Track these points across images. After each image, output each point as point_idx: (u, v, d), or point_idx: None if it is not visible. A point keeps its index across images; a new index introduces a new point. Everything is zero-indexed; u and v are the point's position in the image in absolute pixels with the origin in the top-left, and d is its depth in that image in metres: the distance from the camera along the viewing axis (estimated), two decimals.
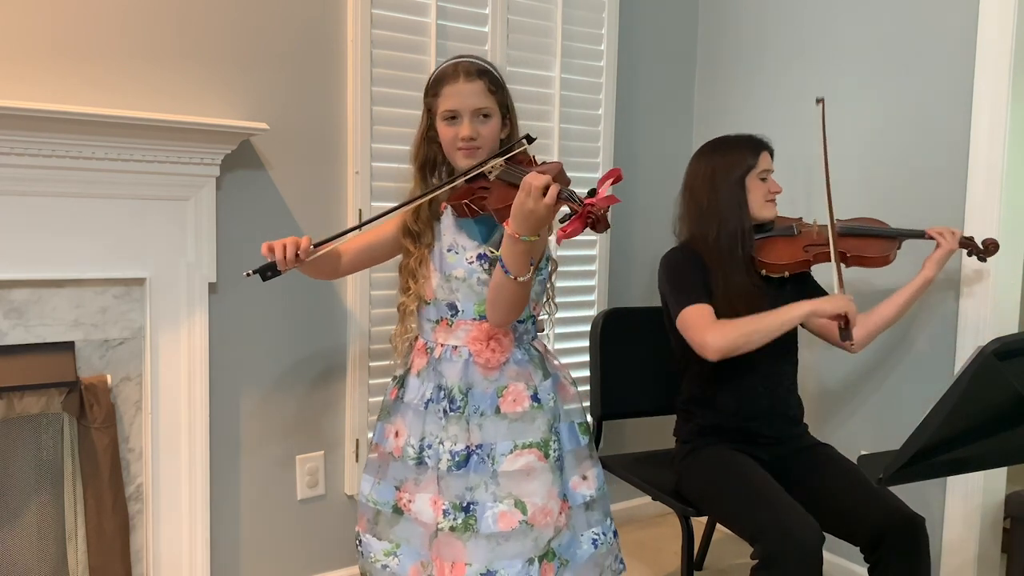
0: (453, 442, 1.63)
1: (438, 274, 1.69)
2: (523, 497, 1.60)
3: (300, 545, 2.36)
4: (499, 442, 1.62)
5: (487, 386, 1.65)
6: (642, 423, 2.60)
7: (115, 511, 1.99)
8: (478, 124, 1.63)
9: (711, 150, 2.10)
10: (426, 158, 1.73)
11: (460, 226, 1.69)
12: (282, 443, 2.30)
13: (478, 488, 1.61)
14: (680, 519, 2.08)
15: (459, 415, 1.64)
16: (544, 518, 1.61)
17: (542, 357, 1.74)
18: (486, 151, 1.64)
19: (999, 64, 2.09)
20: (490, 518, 1.59)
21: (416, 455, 1.67)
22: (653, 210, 2.32)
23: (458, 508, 1.61)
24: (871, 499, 1.85)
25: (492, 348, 1.64)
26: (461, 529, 1.59)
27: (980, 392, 1.15)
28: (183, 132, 1.95)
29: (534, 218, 1.41)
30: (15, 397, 1.89)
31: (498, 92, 1.66)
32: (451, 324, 1.68)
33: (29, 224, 1.86)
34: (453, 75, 1.64)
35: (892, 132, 2.37)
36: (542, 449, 1.63)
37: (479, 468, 1.62)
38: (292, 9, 2.20)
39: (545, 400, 1.67)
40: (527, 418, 1.64)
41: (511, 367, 1.66)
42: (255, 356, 2.23)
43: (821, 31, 2.57)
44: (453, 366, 1.66)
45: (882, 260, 2.07)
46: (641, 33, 2.87)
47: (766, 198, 2.04)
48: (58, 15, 1.91)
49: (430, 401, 1.68)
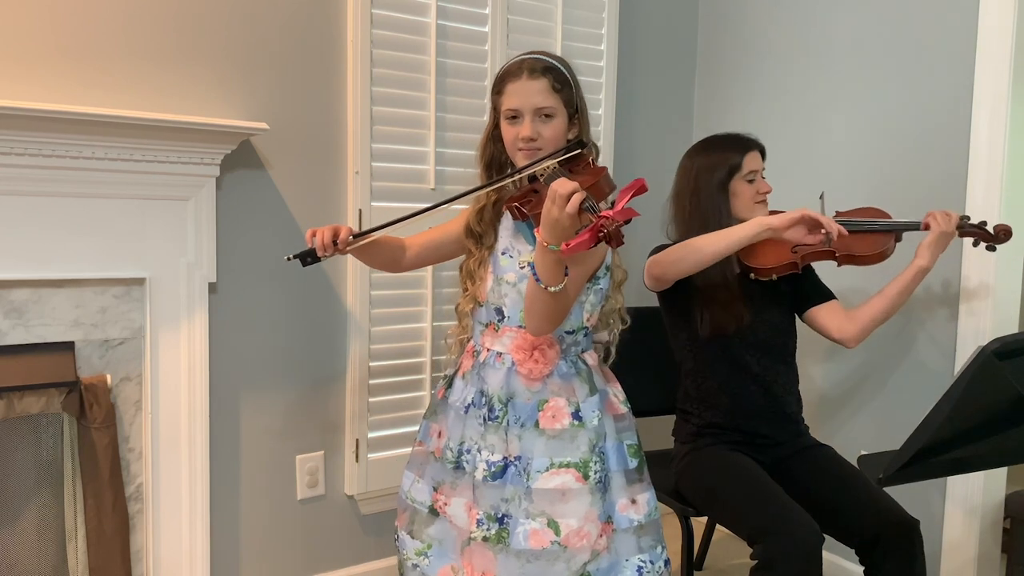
0: (491, 451, 1.59)
1: (492, 276, 1.64)
2: (557, 517, 1.54)
3: (300, 545, 2.36)
4: (536, 458, 1.56)
5: (529, 397, 1.59)
6: (642, 423, 2.56)
7: (115, 511, 1.99)
8: (539, 124, 1.56)
9: (697, 151, 2.09)
10: (492, 157, 1.67)
11: (518, 229, 1.64)
12: (282, 443, 2.30)
13: (513, 501, 1.56)
14: (680, 519, 2.08)
15: (498, 424, 1.59)
16: (579, 541, 1.54)
17: (590, 371, 1.65)
18: (547, 152, 1.55)
19: (999, 64, 2.09)
20: (521, 535, 1.54)
21: (455, 459, 1.64)
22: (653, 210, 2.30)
23: (492, 519, 1.57)
24: (867, 501, 1.85)
25: (536, 359, 1.58)
26: (494, 540, 1.56)
27: (980, 392, 1.15)
28: (183, 132, 1.95)
29: (559, 227, 1.35)
30: (15, 397, 1.89)
31: (563, 90, 1.57)
32: (498, 329, 1.64)
33: (29, 224, 1.86)
34: (517, 72, 1.57)
35: (892, 132, 2.37)
36: (581, 470, 1.56)
37: (515, 480, 1.57)
38: (292, 9, 2.20)
39: (588, 418, 1.59)
40: (566, 436, 1.57)
41: (555, 380, 1.60)
42: (255, 356, 2.23)
43: (821, 31, 2.57)
44: (496, 373, 1.62)
45: (876, 257, 1.97)
46: (641, 33, 2.87)
47: (755, 200, 2.01)
48: (58, 15, 1.91)
49: (471, 405, 1.64)
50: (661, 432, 2.31)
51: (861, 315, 1.99)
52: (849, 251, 1.97)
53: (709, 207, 1.99)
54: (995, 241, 1.97)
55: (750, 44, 2.82)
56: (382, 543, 2.44)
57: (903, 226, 1.99)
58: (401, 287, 2.38)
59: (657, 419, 2.38)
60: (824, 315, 2.05)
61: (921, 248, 1.93)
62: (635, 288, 2.89)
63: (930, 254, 1.92)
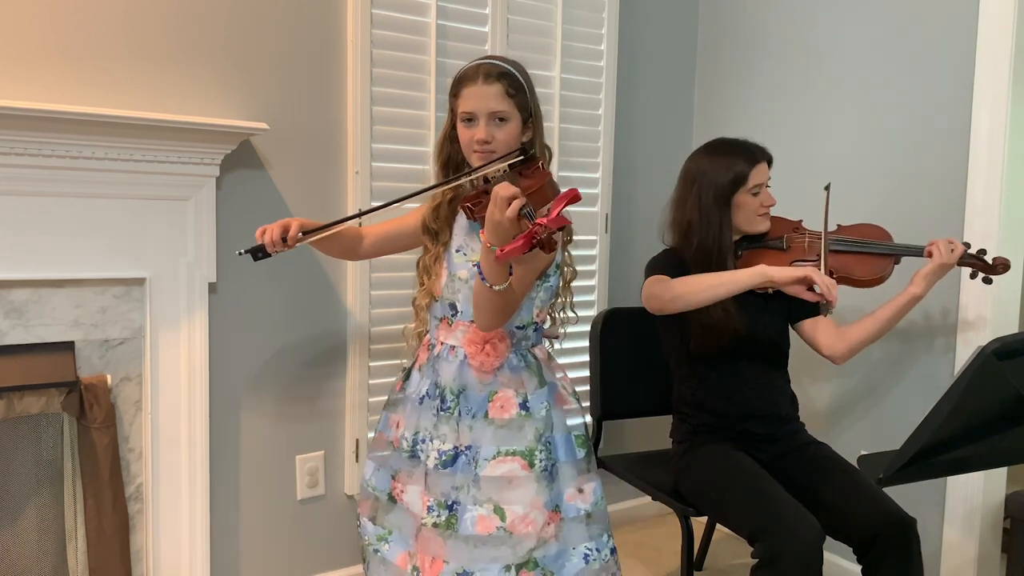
0: (442, 441, 1.65)
1: (446, 273, 1.71)
2: (503, 504, 1.61)
3: (300, 545, 2.36)
4: (484, 446, 1.63)
5: (480, 389, 1.66)
6: (642, 423, 2.60)
7: (115, 511, 1.99)
8: (493, 127, 1.61)
9: (701, 156, 2.04)
10: (448, 157, 1.73)
11: (471, 228, 1.69)
12: (282, 443, 2.30)
13: (463, 488, 1.63)
14: (680, 519, 2.08)
15: (449, 415, 1.66)
16: (525, 527, 1.60)
17: (540, 365, 1.72)
18: (501, 154, 1.62)
19: (999, 64, 2.09)
20: (469, 520, 1.61)
21: (410, 448, 1.71)
22: (652, 210, 2.32)
23: (443, 506, 1.63)
24: (864, 499, 1.85)
25: (487, 352, 1.64)
26: (444, 527, 1.62)
27: (980, 392, 1.15)
28: (183, 132, 1.95)
29: (500, 229, 1.40)
30: (15, 397, 1.89)
31: (518, 95, 1.63)
32: (451, 323, 1.70)
33: (29, 224, 1.86)
34: (473, 77, 1.63)
35: (892, 132, 2.37)
36: (526, 458, 1.63)
37: (465, 469, 1.63)
38: (292, 9, 2.20)
39: (535, 409, 1.66)
40: (513, 425, 1.64)
41: (505, 372, 1.66)
42: (255, 356, 2.23)
43: (821, 31, 2.57)
44: (449, 365, 1.68)
45: (874, 281, 1.96)
46: (641, 33, 2.87)
47: (758, 212, 1.99)
48: (58, 15, 1.91)
49: (425, 396, 1.71)
50: (660, 432, 2.31)
51: (851, 335, 2.00)
52: (848, 273, 1.96)
53: (709, 218, 1.97)
54: (992, 273, 1.96)
55: (750, 44, 2.82)
56: None
57: (904, 251, 1.97)
58: (401, 287, 2.38)
59: (656, 419, 2.39)
60: (816, 330, 2.06)
61: (917, 276, 1.91)
62: (636, 289, 2.89)
63: (926, 284, 1.90)
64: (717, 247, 1.97)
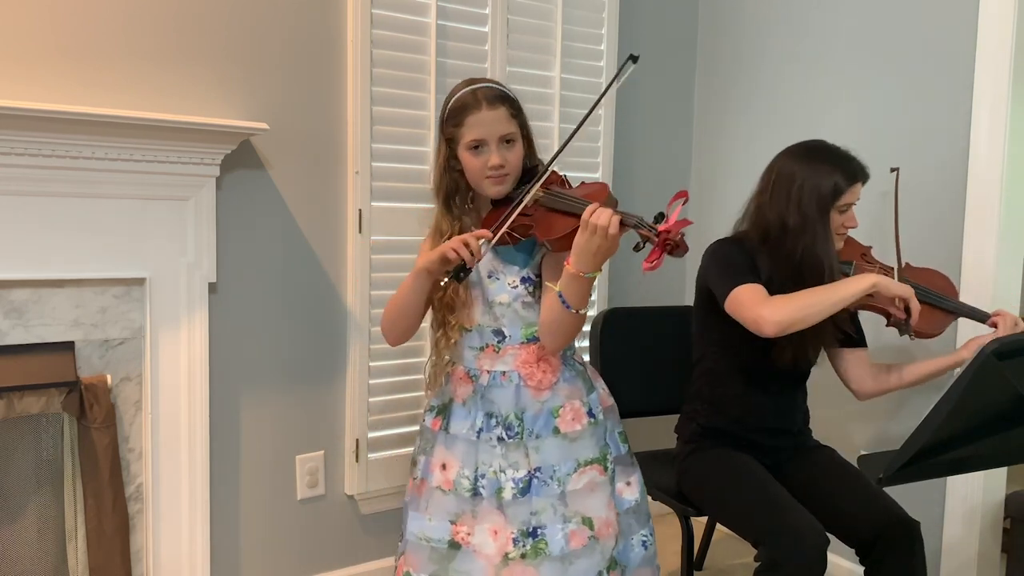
0: (515, 469, 1.62)
1: (481, 302, 1.66)
2: (588, 513, 1.62)
3: (300, 545, 2.36)
4: (561, 463, 1.63)
5: (539, 408, 1.64)
6: (642, 423, 2.59)
7: (115, 511, 1.99)
8: (504, 151, 1.62)
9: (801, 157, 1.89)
10: (449, 189, 1.69)
11: (497, 252, 1.66)
12: (282, 443, 2.30)
13: (544, 512, 1.61)
14: (680, 519, 2.08)
15: (518, 441, 1.63)
16: (607, 530, 1.63)
17: (584, 371, 1.75)
18: (513, 176, 1.64)
19: (999, 64, 2.09)
20: (561, 539, 1.59)
21: (471, 487, 1.64)
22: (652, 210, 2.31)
23: (525, 535, 1.60)
24: (867, 501, 1.85)
25: (543, 369, 1.64)
26: (532, 555, 1.59)
27: (980, 392, 1.15)
28: (183, 132, 1.95)
29: (602, 253, 1.44)
30: (15, 397, 1.89)
31: (519, 115, 1.65)
32: (498, 350, 1.66)
33: (29, 224, 1.86)
34: (475, 104, 1.60)
35: (892, 132, 2.37)
36: (602, 463, 1.66)
37: (541, 491, 1.61)
38: (292, 9, 2.20)
39: (597, 414, 1.70)
40: (585, 435, 1.66)
41: (562, 386, 1.66)
42: (255, 356, 2.23)
43: (821, 31, 2.57)
44: (504, 392, 1.65)
45: (930, 335, 1.90)
46: (641, 33, 2.87)
47: (838, 231, 1.89)
48: (58, 15, 1.91)
49: (481, 430, 1.65)
50: (661, 432, 2.31)
51: (888, 382, 1.97)
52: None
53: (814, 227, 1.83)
54: None
55: (750, 44, 2.82)
56: (382, 543, 2.44)
57: (969, 313, 1.90)
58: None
59: (656, 419, 2.39)
60: (851, 362, 2.02)
61: (973, 343, 1.86)
62: (636, 288, 2.90)
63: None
64: (827, 260, 1.83)
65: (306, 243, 2.28)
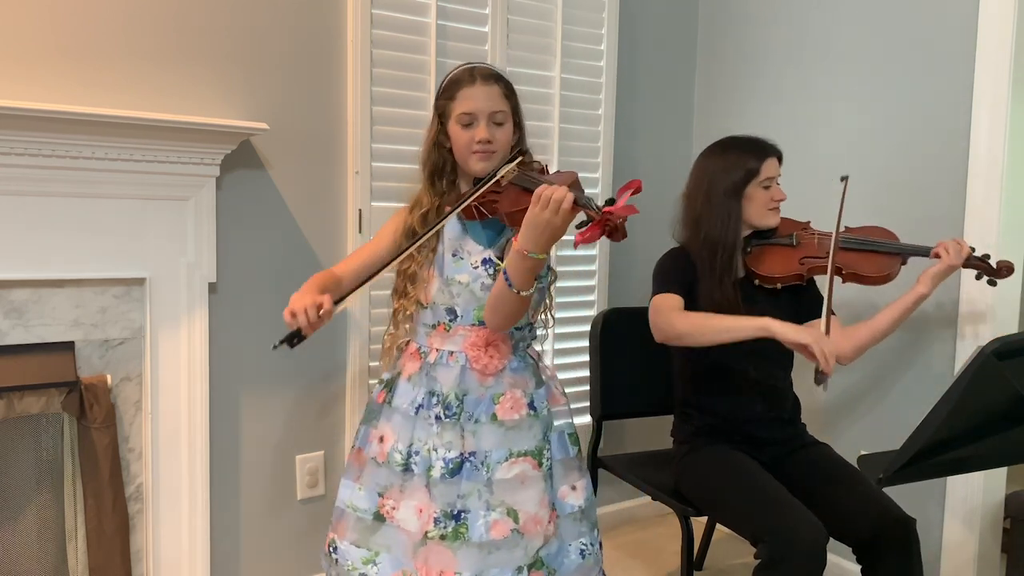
0: (447, 449, 1.61)
1: (438, 278, 1.67)
2: (515, 506, 1.60)
3: (300, 545, 2.36)
4: (494, 450, 1.62)
5: (482, 392, 1.64)
6: (642, 423, 2.60)
7: (115, 511, 1.99)
8: (494, 128, 1.64)
9: (713, 152, 2.06)
10: (435, 164, 1.72)
11: (466, 229, 1.68)
12: (282, 443, 2.30)
13: (470, 496, 1.60)
14: (680, 519, 2.08)
15: (454, 421, 1.63)
16: (535, 527, 1.61)
17: (536, 365, 1.74)
18: (500, 156, 1.64)
19: (999, 64, 2.09)
20: (482, 526, 1.59)
21: (403, 461, 1.64)
22: (653, 210, 2.32)
23: (448, 516, 1.60)
24: (863, 499, 1.85)
25: (491, 355, 1.64)
26: (451, 537, 1.58)
27: (980, 392, 1.15)
28: (183, 132, 1.95)
29: (550, 230, 1.42)
30: (15, 397, 1.89)
31: (511, 98, 1.67)
32: (448, 329, 1.67)
33: (29, 224, 1.86)
34: (470, 79, 1.64)
35: (892, 131, 2.37)
36: (536, 458, 1.64)
37: (471, 476, 1.61)
38: (292, 9, 2.20)
39: (540, 408, 1.68)
40: (523, 426, 1.64)
41: (507, 374, 1.66)
42: (255, 356, 2.23)
43: (821, 31, 2.57)
44: (448, 371, 1.65)
45: (881, 279, 1.97)
46: (641, 33, 2.87)
47: (768, 206, 2.00)
48: (58, 15, 1.91)
49: (421, 407, 1.66)
50: (660, 432, 2.31)
51: (858, 335, 1.98)
52: (855, 270, 1.97)
53: (721, 211, 1.98)
54: (997, 276, 1.97)
55: (750, 44, 2.82)
56: None
57: (911, 250, 1.98)
58: None
59: (656, 419, 2.39)
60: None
61: (924, 276, 1.93)
62: (636, 288, 2.90)
63: (933, 283, 1.92)
64: (724, 239, 1.96)
65: (306, 243, 2.28)
